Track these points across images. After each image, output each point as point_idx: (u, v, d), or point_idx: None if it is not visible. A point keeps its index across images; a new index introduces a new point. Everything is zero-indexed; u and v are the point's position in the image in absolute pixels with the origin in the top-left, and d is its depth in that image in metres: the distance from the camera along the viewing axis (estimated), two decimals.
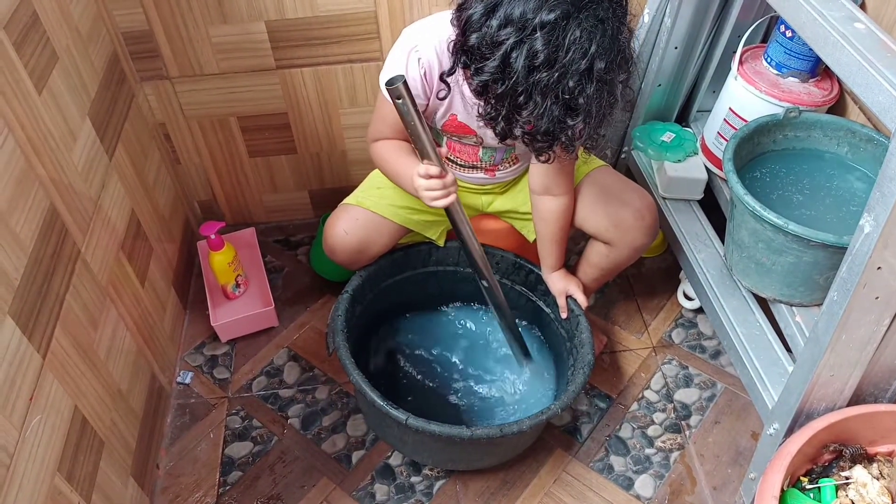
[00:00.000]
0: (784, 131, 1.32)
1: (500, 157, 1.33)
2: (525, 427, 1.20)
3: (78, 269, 1.16)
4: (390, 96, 1.01)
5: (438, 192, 1.13)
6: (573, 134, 0.98)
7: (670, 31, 1.45)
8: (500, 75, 0.95)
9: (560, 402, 1.24)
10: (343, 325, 1.32)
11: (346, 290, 1.38)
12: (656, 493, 1.37)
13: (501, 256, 1.47)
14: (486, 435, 1.19)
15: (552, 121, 0.95)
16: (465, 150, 1.32)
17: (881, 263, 0.89)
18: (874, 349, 1.01)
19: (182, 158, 1.71)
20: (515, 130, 1.00)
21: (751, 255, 1.25)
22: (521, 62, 0.92)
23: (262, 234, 1.84)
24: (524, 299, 1.51)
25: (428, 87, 1.16)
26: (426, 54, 1.12)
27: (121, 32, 1.47)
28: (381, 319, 1.57)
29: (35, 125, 1.08)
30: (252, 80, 1.58)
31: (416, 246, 1.48)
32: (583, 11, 0.91)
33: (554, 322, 1.46)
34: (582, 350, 1.33)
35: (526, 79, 0.93)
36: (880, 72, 0.85)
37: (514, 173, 1.39)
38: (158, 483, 1.40)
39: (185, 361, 1.61)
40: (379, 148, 1.27)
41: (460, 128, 1.24)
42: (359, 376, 1.24)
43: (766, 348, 1.27)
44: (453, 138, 1.29)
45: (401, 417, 1.19)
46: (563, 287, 1.39)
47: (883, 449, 1.13)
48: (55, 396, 1.04)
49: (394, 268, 1.48)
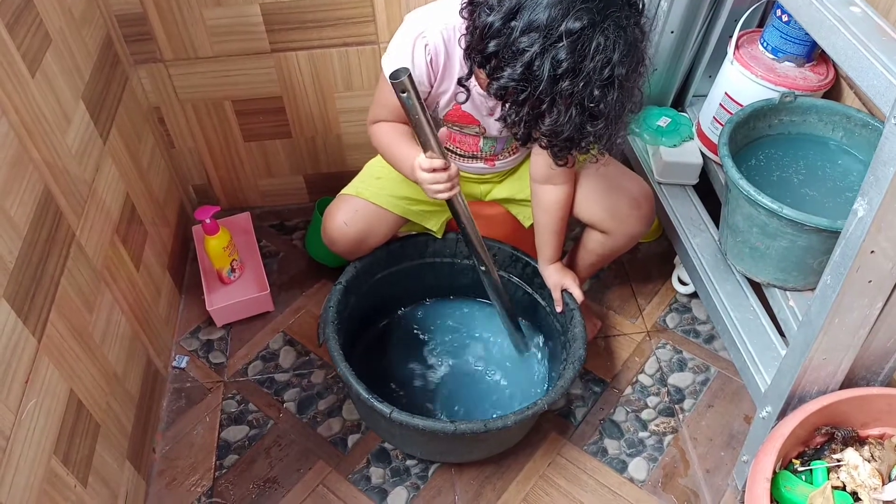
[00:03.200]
0: (779, 116, 1.32)
1: (500, 146, 1.33)
2: (510, 422, 1.19)
3: (73, 253, 1.16)
4: (395, 90, 1.00)
5: (443, 185, 1.12)
6: (593, 139, 0.98)
7: (666, 14, 1.45)
8: (523, 83, 0.93)
9: (547, 398, 1.24)
10: (334, 316, 1.32)
11: (340, 280, 1.38)
12: (650, 476, 1.38)
13: (499, 248, 1.47)
14: (470, 430, 1.18)
15: (574, 127, 0.95)
16: (466, 141, 1.31)
17: (874, 247, 0.89)
18: (867, 333, 1.02)
19: (176, 142, 1.71)
20: (536, 136, 0.99)
21: (745, 239, 1.26)
22: (545, 70, 0.90)
23: (258, 219, 1.83)
24: (521, 291, 1.50)
25: (433, 74, 1.15)
26: (433, 40, 1.11)
27: (114, 15, 1.46)
28: (379, 309, 1.57)
29: (29, 108, 1.07)
30: (246, 63, 1.57)
31: (413, 237, 1.47)
32: (607, 20, 0.90)
33: (550, 315, 1.45)
34: (574, 345, 1.33)
35: (550, 87, 0.91)
36: (876, 56, 0.85)
37: (513, 162, 1.38)
38: (155, 466, 1.41)
39: (180, 346, 1.61)
40: (379, 131, 1.25)
41: (463, 117, 1.24)
42: (345, 368, 1.23)
43: (759, 332, 1.28)
44: (454, 128, 1.28)
45: (385, 411, 1.18)
46: (559, 280, 1.39)
47: (874, 432, 1.14)
48: (51, 380, 1.04)
49: (390, 259, 1.47)
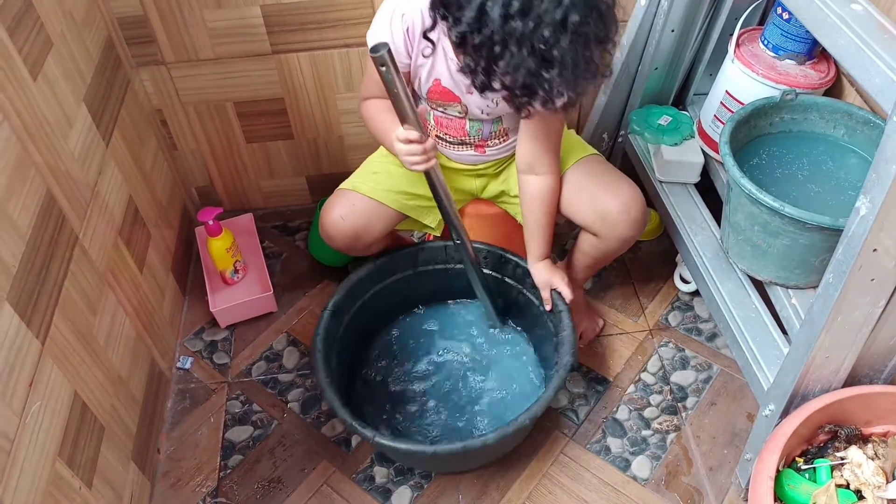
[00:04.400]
0: (780, 114, 1.32)
1: (487, 130, 1.33)
2: (490, 440, 1.18)
3: (76, 256, 1.16)
4: (374, 64, 1.04)
5: (418, 157, 1.16)
6: (550, 88, 1.00)
7: (667, 13, 1.45)
8: (476, 25, 0.97)
9: (528, 413, 1.22)
10: (321, 344, 1.32)
11: (327, 306, 1.38)
12: (653, 474, 1.38)
13: (488, 251, 1.47)
14: (448, 451, 1.19)
15: (528, 73, 0.98)
16: (453, 125, 1.33)
17: (877, 245, 0.89)
18: (869, 331, 1.02)
19: (179, 144, 1.71)
20: (494, 83, 1.03)
21: (747, 237, 1.26)
22: (496, 11, 0.95)
23: (260, 220, 1.84)
24: (515, 291, 1.50)
25: (410, 45, 1.19)
26: (410, 12, 1.16)
27: (115, 18, 1.46)
28: (378, 321, 1.57)
29: (31, 112, 1.08)
30: (248, 65, 1.57)
31: (402, 250, 1.47)
32: None
33: (543, 315, 1.43)
34: (561, 350, 1.31)
35: (501, 28, 0.95)
36: (877, 54, 0.85)
37: (504, 150, 1.38)
38: (159, 467, 1.41)
39: (184, 347, 1.62)
40: (368, 107, 1.31)
41: (445, 94, 1.26)
42: (332, 395, 1.24)
43: (761, 330, 1.28)
44: (438, 109, 1.31)
45: (368, 435, 1.19)
46: (548, 279, 1.37)
47: (878, 429, 1.14)
48: (55, 382, 1.04)
49: (381, 273, 1.48)
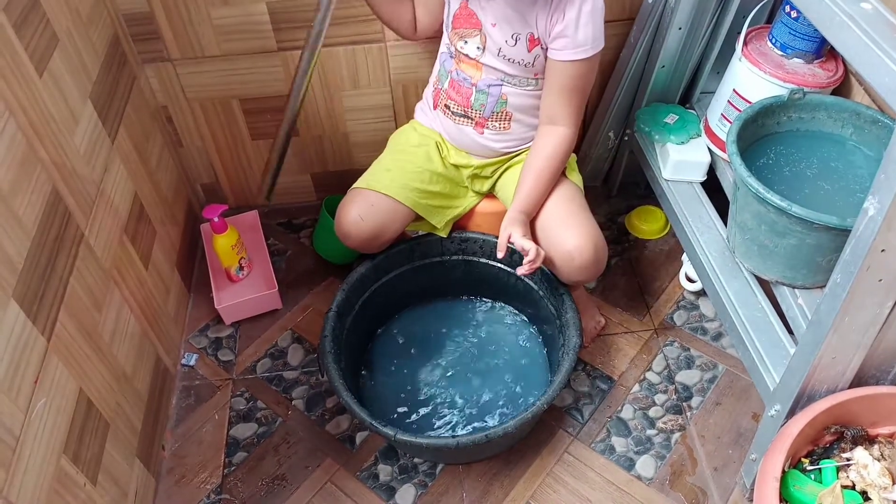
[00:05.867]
0: (788, 113, 1.31)
1: (490, 106, 1.34)
2: (511, 428, 1.21)
3: (81, 253, 1.16)
4: None
5: None
6: None
7: (674, 11, 1.44)
8: None
9: (546, 397, 1.24)
10: (331, 346, 1.33)
11: (331, 307, 1.39)
12: (657, 474, 1.38)
13: (483, 240, 1.48)
14: (472, 441, 1.21)
15: None
16: (462, 91, 1.34)
17: (885, 246, 0.89)
18: (877, 332, 1.01)
19: (184, 141, 1.71)
20: None
21: (754, 237, 1.25)
22: None
23: (265, 217, 1.84)
24: (514, 278, 1.50)
25: None
26: None
27: (121, 14, 1.46)
28: (381, 318, 1.58)
29: (36, 108, 1.08)
30: (254, 62, 1.57)
31: (396, 247, 1.47)
32: None
33: (543, 299, 1.45)
34: (568, 332, 1.33)
35: None
36: (887, 53, 0.85)
37: (502, 140, 1.38)
38: (164, 464, 1.41)
39: (189, 344, 1.62)
40: None
41: (469, 18, 1.28)
42: (348, 397, 1.25)
43: (767, 330, 1.27)
44: (458, 44, 1.32)
45: (389, 434, 1.21)
46: (508, 225, 1.30)
47: (884, 431, 1.13)
48: (60, 379, 1.05)
49: (378, 271, 1.48)
